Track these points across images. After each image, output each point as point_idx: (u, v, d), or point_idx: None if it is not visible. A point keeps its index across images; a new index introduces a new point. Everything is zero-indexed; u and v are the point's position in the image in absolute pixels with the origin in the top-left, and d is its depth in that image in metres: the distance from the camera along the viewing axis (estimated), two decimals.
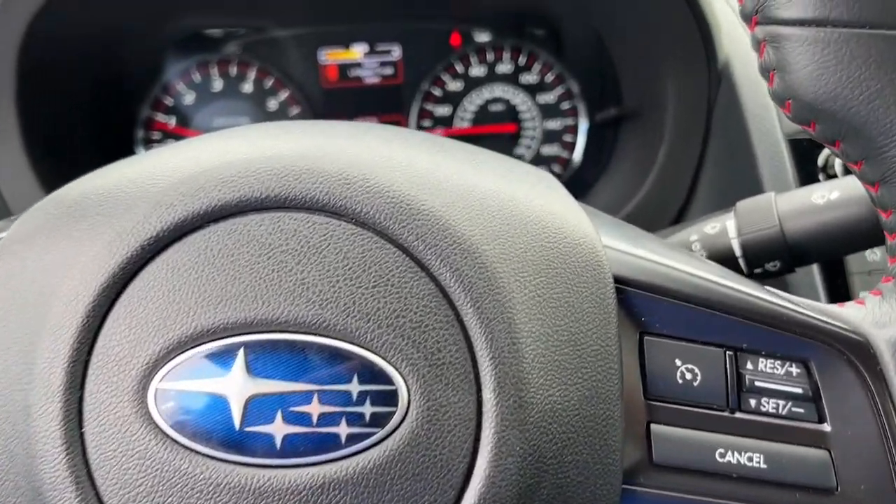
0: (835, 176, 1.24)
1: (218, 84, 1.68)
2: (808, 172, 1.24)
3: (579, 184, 1.70)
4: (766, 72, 0.67)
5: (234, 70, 1.68)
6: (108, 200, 0.55)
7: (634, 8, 1.28)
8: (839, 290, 1.10)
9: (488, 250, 0.56)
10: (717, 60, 1.29)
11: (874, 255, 1.15)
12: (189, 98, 1.68)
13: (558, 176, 1.71)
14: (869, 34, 0.61)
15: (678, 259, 0.69)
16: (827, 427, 0.61)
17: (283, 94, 1.69)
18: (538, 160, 1.72)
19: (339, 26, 1.70)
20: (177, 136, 1.68)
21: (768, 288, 0.71)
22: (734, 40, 1.33)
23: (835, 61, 0.62)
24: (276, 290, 0.52)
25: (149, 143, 1.68)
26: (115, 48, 1.56)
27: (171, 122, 1.68)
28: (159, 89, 1.66)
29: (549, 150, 1.72)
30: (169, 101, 1.68)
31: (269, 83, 1.68)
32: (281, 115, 1.69)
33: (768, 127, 1.27)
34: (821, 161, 1.24)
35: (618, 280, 0.63)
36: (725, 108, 1.32)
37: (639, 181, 1.45)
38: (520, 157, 1.72)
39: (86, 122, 1.53)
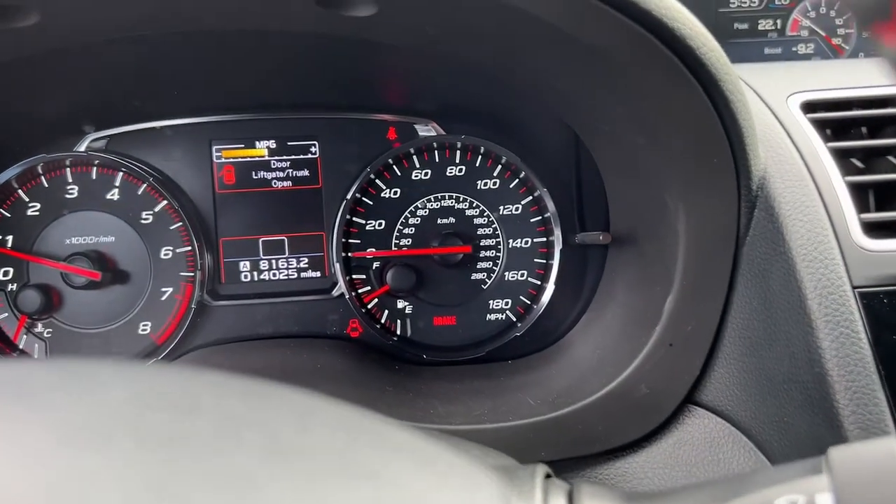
0: None
1: (73, 190, 1.26)
2: None
3: (551, 323, 1.28)
4: None
5: (94, 172, 1.26)
6: None
7: (628, 102, 0.89)
8: None
9: None
10: (751, 178, 0.90)
11: None
12: (32, 209, 1.25)
13: (526, 309, 1.30)
14: None
15: None
16: None
17: (160, 204, 1.26)
18: (500, 288, 1.31)
19: (239, 116, 1.29)
20: (14, 260, 1.24)
21: None
22: (773, 147, 0.94)
23: None
24: None
25: None
26: None
27: (7, 241, 1.25)
28: None
29: (515, 275, 1.31)
30: (4, 213, 1.25)
31: (141, 188, 1.26)
32: (157, 230, 1.26)
33: (830, 273, 0.87)
34: None
35: None
36: (762, 244, 0.92)
37: (635, 337, 1.03)
38: (479, 284, 1.31)
39: None
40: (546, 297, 1.29)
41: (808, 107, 1.00)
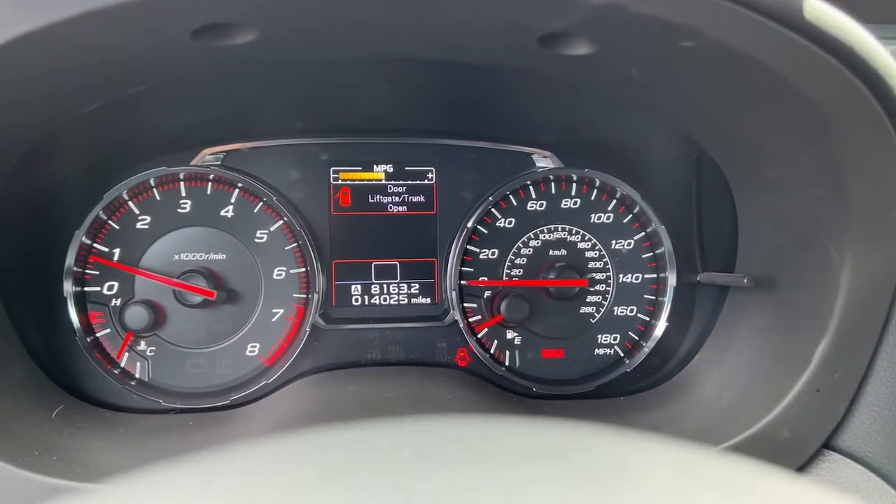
0: None
1: (186, 205, 1.22)
2: None
3: (658, 361, 1.29)
4: None
5: (210, 188, 1.23)
6: None
7: (819, 155, 0.88)
8: None
9: None
10: None
11: None
12: (141, 222, 1.21)
13: (634, 345, 1.30)
14: None
15: None
16: None
17: (276, 223, 1.24)
18: (609, 323, 1.31)
19: (358, 138, 1.28)
20: (121, 274, 1.20)
21: None
22: None
23: None
24: None
25: (82, 283, 1.19)
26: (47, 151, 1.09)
27: (114, 254, 1.20)
28: (101, 208, 1.18)
29: (624, 311, 1.31)
30: (113, 225, 1.20)
31: (257, 206, 1.23)
32: (271, 250, 1.23)
33: None
34: None
35: None
36: None
37: (777, 381, 1.04)
38: (587, 318, 1.30)
39: None
40: (658, 333, 1.29)
41: None
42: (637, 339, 1.31)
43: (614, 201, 1.31)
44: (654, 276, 1.31)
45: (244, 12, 0.71)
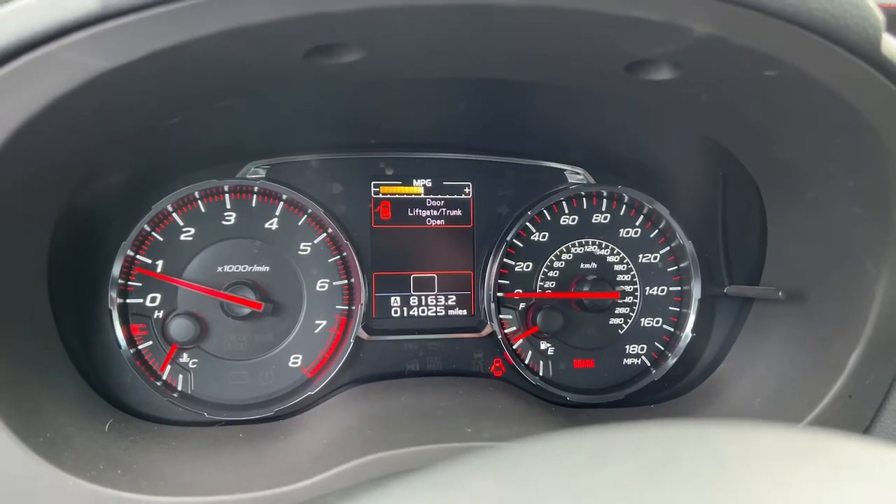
0: None
1: (230, 217, 1.22)
2: None
3: (681, 370, 1.34)
4: None
5: (254, 200, 1.23)
6: None
7: (868, 177, 0.94)
8: None
9: None
10: None
11: None
12: (185, 234, 1.20)
13: (660, 355, 1.36)
14: None
15: None
16: None
17: (320, 236, 1.25)
18: (636, 333, 1.36)
19: (400, 154, 1.30)
20: (164, 286, 1.19)
21: None
22: None
23: None
24: None
25: (124, 295, 1.18)
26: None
27: (157, 266, 1.19)
28: (147, 220, 1.18)
29: (650, 322, 1.37)
30: (157, 237, 1.19)
31: (301, 219, 1.24)
32: (314, 262, 1.24)
33: None
34: None
35: None
36: None
37: (810, 389, 1.10)
38: (616, 329, 1.35)
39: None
40: (683, 344, 1.35)
41: None
42: (663, 349, 1.37)
43: (642, 217, 1.36)
44: (679, 288, 1.37)
45: (359, 34, 0.73)
